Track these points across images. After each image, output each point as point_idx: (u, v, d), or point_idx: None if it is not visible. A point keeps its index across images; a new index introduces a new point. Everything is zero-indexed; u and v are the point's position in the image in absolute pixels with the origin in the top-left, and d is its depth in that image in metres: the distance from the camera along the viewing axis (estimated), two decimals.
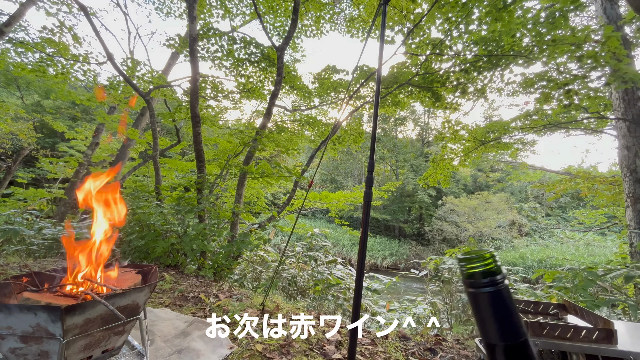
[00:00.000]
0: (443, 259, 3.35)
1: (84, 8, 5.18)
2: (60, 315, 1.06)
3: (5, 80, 12.71)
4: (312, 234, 4.24)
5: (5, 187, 8.86)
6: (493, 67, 4.27)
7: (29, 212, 4.85)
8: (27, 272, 1.55)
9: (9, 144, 10.03)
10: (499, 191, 20.00)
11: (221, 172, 4.97)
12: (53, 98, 7.17)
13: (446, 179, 6.88)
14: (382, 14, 1.50)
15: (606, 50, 3.38)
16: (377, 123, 1.42)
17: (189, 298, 2.55)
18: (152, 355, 1.59)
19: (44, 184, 10.81)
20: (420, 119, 26.49)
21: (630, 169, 4.32)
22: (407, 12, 4.29)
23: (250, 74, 6.44)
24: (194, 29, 4.41)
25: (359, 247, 1.27)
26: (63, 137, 11.34)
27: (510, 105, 12.94)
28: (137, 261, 3.45)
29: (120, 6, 8.19)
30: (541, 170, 10.00)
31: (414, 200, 20.39)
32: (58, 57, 5.94)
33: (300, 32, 7.82)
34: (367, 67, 5.59)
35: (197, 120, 4.30)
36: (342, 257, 16.67)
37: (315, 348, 1.86)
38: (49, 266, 3.09)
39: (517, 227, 18.21)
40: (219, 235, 3.79)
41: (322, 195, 7.27)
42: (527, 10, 3.62)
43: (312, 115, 7.54)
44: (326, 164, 25.34)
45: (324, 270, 3.71)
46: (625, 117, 4.42)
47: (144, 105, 6.96)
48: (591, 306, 2.10)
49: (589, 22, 7.08)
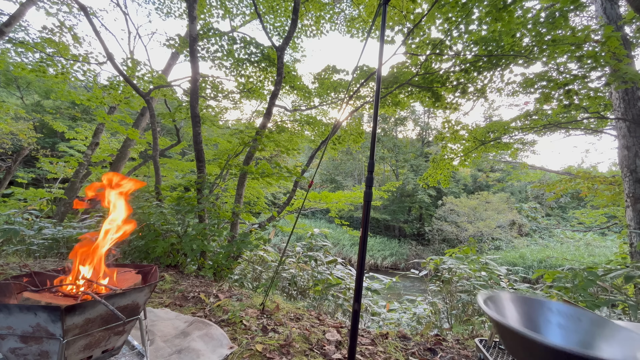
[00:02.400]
0: (443, 259, 3.35)
1: (84, 8, 5.18)
2: (60, 315, 1.06)
3: (5, 80, 12.72)
4: (312, 234, 4.24)
5: (5, 187, 8.86)
6: (493, 67, 4.27)
7: (29, 212, 4.84)
8: (27, 272, 1.55)
9: (9, 144, 10.03)
10: (499, 191, 20.00)
11: (221, 172, 4.96)
12: (53, 98, 7.17)
13: (446, 179, 6.88)
14: (382, 14, 1.50)
15: (606, 50, 3.38)
16: (377, 123, 1.42)
17: (189, 298, 2.55)
18: (152, 355, 1.59)
19: (44, 184, 10.81)
20: (420, 119, 26.49)
21: (630, 169, 4.32)
22: (407, 12, 4.29)
23: (250, 74, 6.44)
24: (194, 29, 4.41)
25: (359, 247, 1.27)
26: (63, 137, 11.35)
27: (510, 105, 12.96)
28: (137, 261, 3.45)
29: (120, 6, 8.19)
30: (541, 170, 9.99)
31: (414, 200, 20.39)
32: (58, 57, 5.94)
33: (300, 32, 7.82)
34: (367, 67, 5.59)
35: (197, 120, 4.30)
36: (342, 257, 16.67)
37: (315, 348, 1.86)
38: (49, 266, 3.09)
39: (517, 227, 18.21)
40: (219, 235, 3.79)
41: (322, 195, 7.28)
42: (527, 10, 3.62)
43: (312, 115, 7.54)
44: (326, 164, 25.35)
45: (324, 270, 3.71)
46: (625, 117, 4.42)
47: (144, 105, 6.96)
48: (591, 306, 2.11)
49: (589, 22, 7.08)
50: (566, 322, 1.00)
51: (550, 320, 1.03)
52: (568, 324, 1.00)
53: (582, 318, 0.98)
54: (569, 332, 0.98)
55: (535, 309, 1.06)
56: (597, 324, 0.95)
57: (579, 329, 0.97)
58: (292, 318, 2.35)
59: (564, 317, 1.02)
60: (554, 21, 3.42)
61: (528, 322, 1.04)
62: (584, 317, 0.99)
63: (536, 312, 1.06)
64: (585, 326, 0.97)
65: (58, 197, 8.27)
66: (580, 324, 0.97)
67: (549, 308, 1.06)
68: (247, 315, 2.24)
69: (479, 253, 3.61)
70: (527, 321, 1.05)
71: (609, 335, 0.90)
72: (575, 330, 0.97)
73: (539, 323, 1.04)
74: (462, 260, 3.23)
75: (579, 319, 0.98)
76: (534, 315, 1.05)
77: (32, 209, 5.61)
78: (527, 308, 1.07)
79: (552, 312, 1.04)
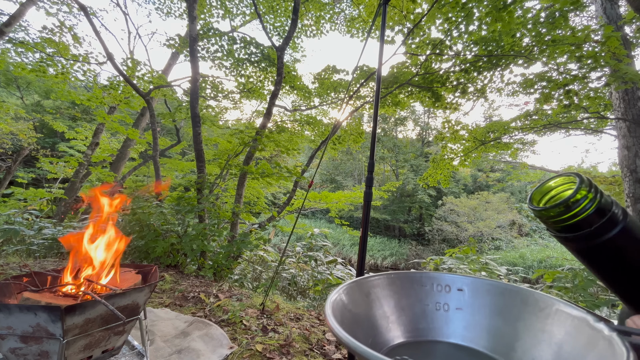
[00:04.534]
0: (443, 259, 3.35)
1: (84, 8, 5.18)
2: (60, 315, 1.06)
3: (5, 80, 12.72)
4: (312, 234, 4.25)
5: (5, 187, 8.86)
6: (493, 67, 4.27)
7: (29, 212, 4.85)
8: (27, 272, 1.55)
9: (9, 144, 10.03)
10: (499, 191, 19.99)
11: (221, 172, 4.97)
12: (53, 98, 7.17)
13: (446, 179, 6.88)
14: (382, 14, 1.50)
15: (606, 50, 3.38)
16: (377, 123, 1.42)
17: (189, 298, 2.55)
18: (152, 355, 1.59)
19: (44, 184, 10.81)
20: (420, 119, 26.50)
21: (630, 169, 4.32)
22: (407, 12, 4.29)
23: (250, 74, 6.45)
24: (194, 29, 4.41)
25: (359, 247, 1.27)
26: (63, 137, 11.35)
27: (510, 105, 12.97)
28: (137, 261, 3.45)
29: (120, 6, 8.19)
30: (541, 170, 10.00)
31: (414, 200, 20.39)
32: (58, 57, 5.95)
33: (300, 32, 7.82)
34: (367, 67, 5.59)
35: (197, 120, 4.30)
36: (342, 257, 16.65)
37: (315, 348, 1.86)
38: (49, 266, 3.09)
39: (517, 227, 18.20)
40: (219, 235, 3.79)
41: (322, 195, 7.27)
42: (527, 11, 3.62)
43: (312, 115, 7.54)
44: (326, 164, 25.34)
45: (324, 270, 3.72)
46: (625, 117, 4.42)
47: (144, 105, 6.97)
48: (591, 306, 2.11)
49: (589, 22, 7.08)
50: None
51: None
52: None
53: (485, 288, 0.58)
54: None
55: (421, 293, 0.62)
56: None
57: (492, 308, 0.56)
58: (292, 318, 2.35)
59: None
60: (553, 21, 3.42)
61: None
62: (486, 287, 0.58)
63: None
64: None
65: (58, 197, 8.27)
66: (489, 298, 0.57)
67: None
68: (247, 315, 2.24)
69: (479, 253, 3.61)
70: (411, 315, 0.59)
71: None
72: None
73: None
74: (462, 260, 3.23)
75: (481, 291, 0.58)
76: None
77: (32, 209, 5.61)
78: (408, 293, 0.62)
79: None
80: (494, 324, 0.55)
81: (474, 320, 0.57)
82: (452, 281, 0.62)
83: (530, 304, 0.50)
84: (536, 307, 0.49)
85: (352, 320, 0.51)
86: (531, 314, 0.49)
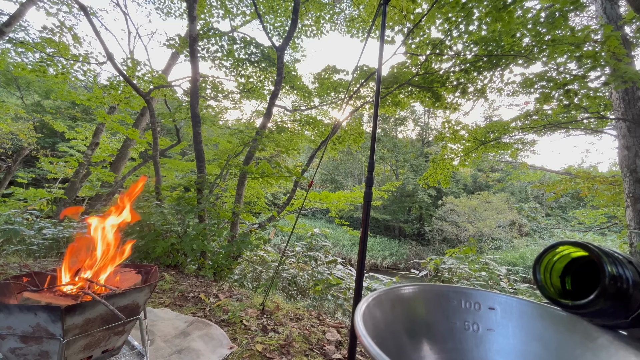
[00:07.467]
0: (443, 259, 3.35)
1: (84, 8, 5.18)
2: (60, 315, 1.06)
3: (5, 80, 12.72)
4: (312, 234, 4.24)
5: (5, 187, 8.85)
6: (493, 67, 4.27)
7: (29, 212, 4.84)
8: (27, 272, 1.55)
9: (9, 144, 10.03)
10: (499, 191, 19.99)
11: (221, 172, 4.97)
12: (53, 98, 7.17)
13: (446, 179, 6.88)
14: (382, 14, 1.50)
15: (606, 50, 3.37)
16: (377, 123, 1.42)
17: (189, 298, 2.55)
18: (152, 355, 1.59)
19: (44, 184, 10.80)
20: (420, 119, 26.50)
21: (630, 169, 4.32)
22: (407, 12, 4.29)
23: (250, 74, 6.45)
24: (194, 29, 4.41)
25: (359, 247, 1.27)
26: (63, 137, 11.35)
27: (510, 105, 12.96)
28: (137, 261, 3.45)
29: (120, 6, 8.19)
30: (541, 170, 10.00)
31: (414, 200, 20.38)
32: (58, 57, 5.95)
33: (301, 32, 7.82)
34: (367, 67, 5.59)
35: (197, 120, 4.30)
36: (342, 257, 16.67)
37: (315, 348, 1.86)
38: (49, 266, 3.09)
39: (517, 227, 18.20)
40: (219, 235, 3.79)
41: (322, 195, 7.27)
42: (527, 10, 3.62)
43: (312, 115, 7.54)
44: (326, 164, 25.34)
45: (324, 270, 3.71)
46: (625, 117, 4.42)
47: (144, 105, 6.97)
48: None
49: (589, 22, 7.09)
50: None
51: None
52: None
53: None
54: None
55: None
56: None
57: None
58: (292, 318, 2.35)
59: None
60: (553, 21, 3.42)
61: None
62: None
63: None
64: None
65: (58, 197, 8.27)
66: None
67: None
68: (247, 315, 2.24)
69: (479, 253, 3.61)
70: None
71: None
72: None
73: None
74: (462, 260, 3.23)
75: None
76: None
77: (32, 209, 5.61)
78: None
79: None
80: (532, 351, 0.48)
81: (508, 345, 0.50)
82: (482, 298, 0.56)
83: (578, 332, 0.43)
84: (587, 336, 0.42)
85: (380, 336, 0.47)
86: (579, 344, 0.42)
